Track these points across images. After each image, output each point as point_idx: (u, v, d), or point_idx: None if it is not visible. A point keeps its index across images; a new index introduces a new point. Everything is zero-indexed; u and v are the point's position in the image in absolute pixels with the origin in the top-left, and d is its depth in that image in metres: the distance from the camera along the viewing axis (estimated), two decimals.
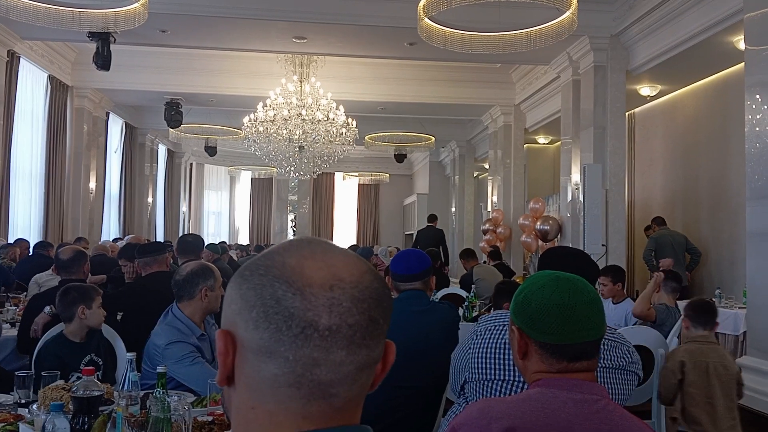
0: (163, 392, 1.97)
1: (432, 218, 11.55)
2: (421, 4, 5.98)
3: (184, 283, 2.88)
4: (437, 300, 5.13)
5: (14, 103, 8.77)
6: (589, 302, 1.29)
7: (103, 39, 7.43)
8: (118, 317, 4.00)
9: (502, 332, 1.87)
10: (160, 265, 4.09)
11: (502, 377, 1.81)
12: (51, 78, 9.90)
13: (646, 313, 4.22)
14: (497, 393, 1.82)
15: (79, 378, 2.97)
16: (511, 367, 1.79)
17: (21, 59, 8.87)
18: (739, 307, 6.14)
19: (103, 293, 3.17)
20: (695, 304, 3.59)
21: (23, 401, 2.44)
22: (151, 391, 2.53)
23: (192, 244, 4.79)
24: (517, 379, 1.78)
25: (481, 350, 1.86)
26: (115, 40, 7.65)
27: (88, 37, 7.38)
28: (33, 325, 3.70)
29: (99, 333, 3.12)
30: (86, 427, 1.86)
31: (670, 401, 3.31)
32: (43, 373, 2.45)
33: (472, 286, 6.08)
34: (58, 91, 10.07)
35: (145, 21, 6.27)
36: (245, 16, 7.59)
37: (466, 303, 5.46)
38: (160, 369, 2.07)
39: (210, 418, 2.21)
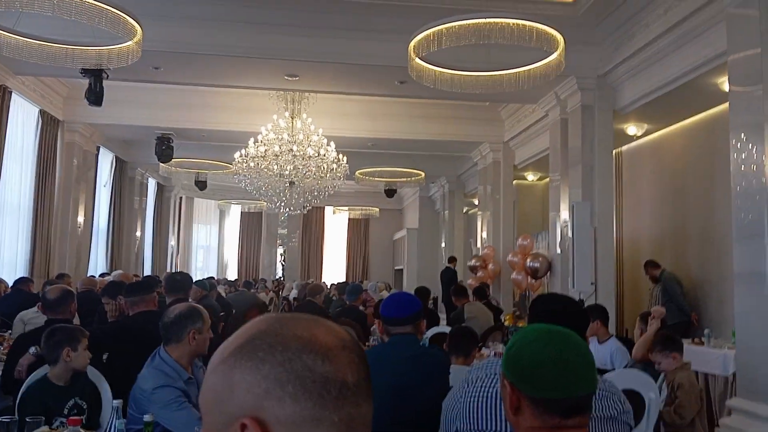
0: None
1: (450, 259, 12.76)
2: (411, 45, 6.07)
3: (172, 325, 2.85)
4: (427, 338, 5.10)
5: (4, 137, 8.76)
6: (581, 355, 1.29)
7: (95, 75, 7.46)
8: (104, 357, 3.94)
9: (494, 381, 1.86)
10: (147, 304, 4.04)
11: (493, 428, 1.79)
12: (42, 113, 9.92)
13: (647, 357, 4.25)
14: None
15: (62, 424, 2.92)
16: (503, 419, 1.77)
17: (12, 94, 8.89)
18: (729, 347, 6.13)
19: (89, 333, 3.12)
20: (669, 338, 4.13)
21: None
22: None
23: (180, 282, 4.75)
24: (508, 430, 1.76)
25: (472, 400, 1.85)
26: (108, 76, 7.68)
27: (81, 73, 7.41)
28: (18, 366, 3.63)
29: (84, 375, 3.07)
30: None
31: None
32: (27, 419, 2.40)
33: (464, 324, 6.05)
34: (48, 126, 10.08)
35: (139, 58, 6.32)
36: (238, 55, 7.67)
37: None
38: (146, 418, 2.03)
39: None
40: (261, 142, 9.91)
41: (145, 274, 13.46)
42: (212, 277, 12.43)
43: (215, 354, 0.77)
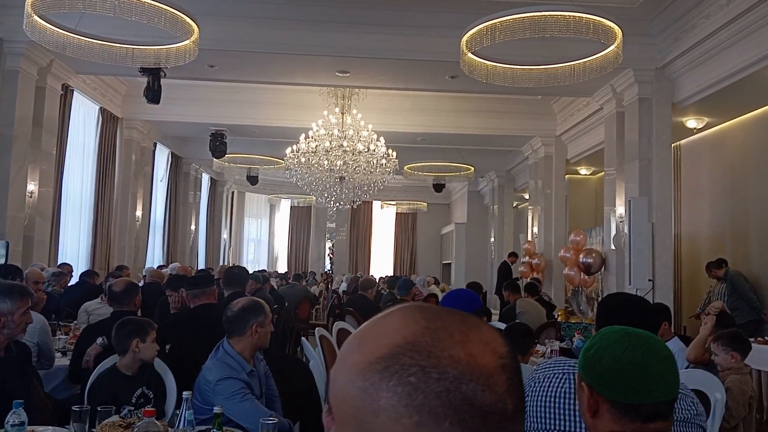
0: None
1: (510, 255, 12.77)
2: (464, 39, 6.01)
3: (235, 319, 2.91)
4: None
5: (67, 135, 9.10)
6: (662, 360, 1.26)
7: (154, 74, 7.66)
8: (166, 348, 4.05)
9: (563, 380, 1.83)
10: (208, 297, 4.14)
11: (563, 428, 1.77)
12: (102, 110, 10.25)
13: (701, 358, 4.11)
14: None
15: (130, 411, 3.02)
16: (573, 418, 1.75)
17: (74, 92, 9.21)
18: None
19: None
20: (737, 336, 3.91)
21: None
22: (202, 427, 2.55)
23: (238, 275, 4.85)
24: (580, 431, 1.74)
25: (540, 399, 1.82)
26: (165, 74, 7.88)
27: (140, 72, 7.62)
28: (85, 356, 3.77)
29: (151, 366, 3.17)
30: None
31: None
32: (98, 408, 2.48)
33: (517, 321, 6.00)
34: (108, 123, 10.41)
35: (196, 57, 6.46)
36: (291, 52, 7.77)
37: None
38: (216, 410, 2.08)
39: None
40: (312, 137, 10.01)
41: (199, 267, 13.81)
42: (264, 270, 12.63)
43: (346, 354, 0.68)
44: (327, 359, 4.54)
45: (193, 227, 14.81)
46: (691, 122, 8.67)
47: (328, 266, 20.49)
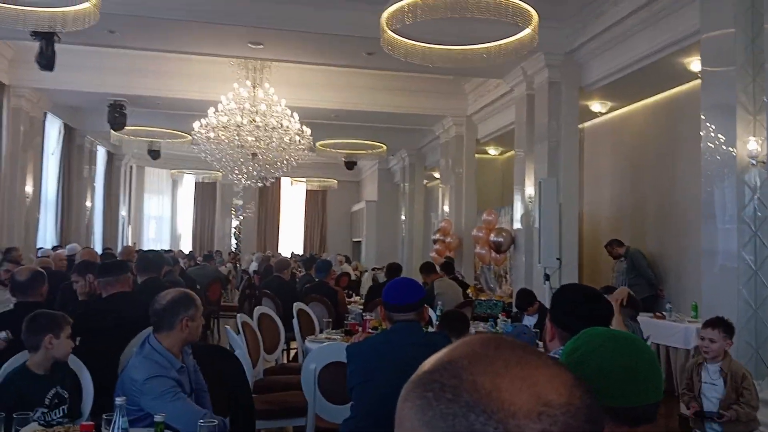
0: None
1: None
2: (384, 16, 5.92)
3: (164, 312, 2.71)
4: None
5: None
6: (649, 362, 1.26)
7: (47, 38, 7.03)
8: (76, 342, 3.75)
9: None
10: (122, 285, 3.87)
11: None
12: None
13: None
14: None
15: (44, 413, 2.77)
16: None
17: None
18: (689, 321, 6.34)
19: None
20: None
21: None
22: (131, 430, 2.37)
23: (153, 261, 4.57)
24: None
25: None
26: (59, 39, 7.25)
27: (32, 36, 6.97)
28: None
29: (65, 364, 2.92)
30: None
31: None
32: (14, 415, 2.25)
33: (438, 302, 6.06)
34: None
35: (96, 22, 5.97)
36: (201, 19, 7.35)
37: (437, 319, 5.41)
38: (158, 418, 1.93)
39: None
40: (221, 111, 9.59)
41: (96, 246, 13.04)
42: (171, 250, 12.11)
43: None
44: (250, 347, 4.39)
45: (88, 204, 13.93)
46: (596, 106, 9.04)
47: (234, 245, 19.96)
